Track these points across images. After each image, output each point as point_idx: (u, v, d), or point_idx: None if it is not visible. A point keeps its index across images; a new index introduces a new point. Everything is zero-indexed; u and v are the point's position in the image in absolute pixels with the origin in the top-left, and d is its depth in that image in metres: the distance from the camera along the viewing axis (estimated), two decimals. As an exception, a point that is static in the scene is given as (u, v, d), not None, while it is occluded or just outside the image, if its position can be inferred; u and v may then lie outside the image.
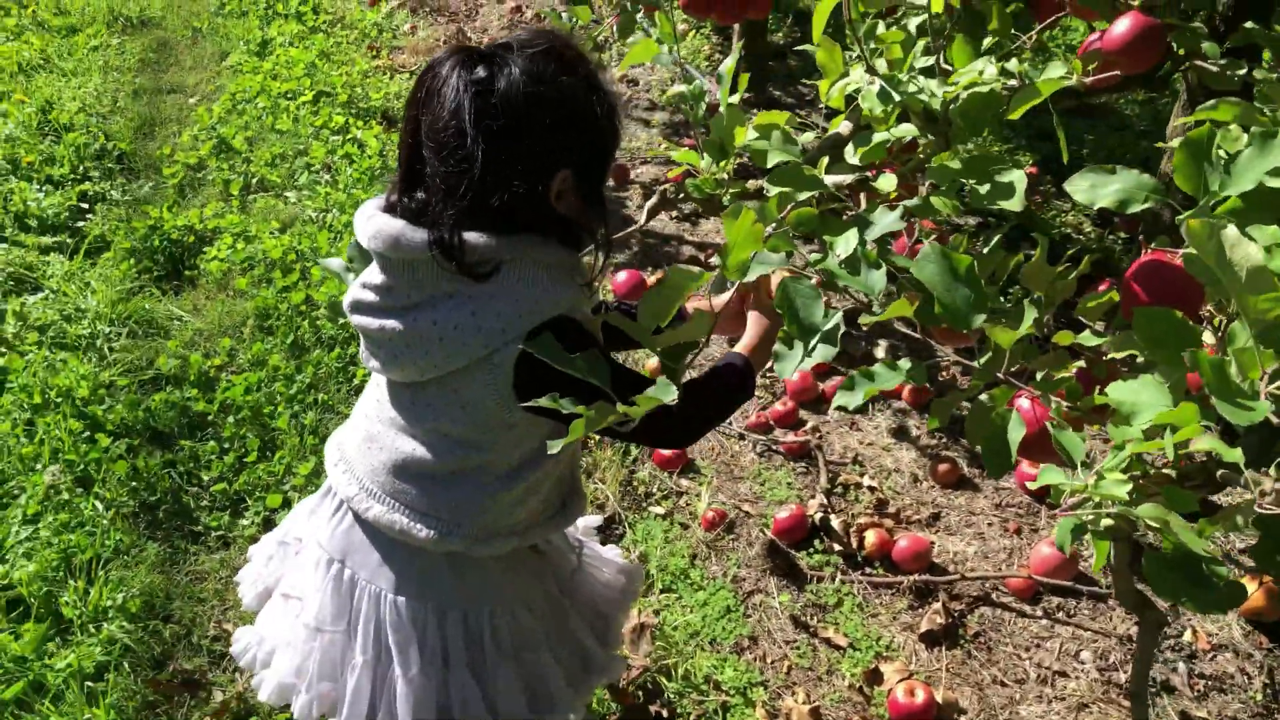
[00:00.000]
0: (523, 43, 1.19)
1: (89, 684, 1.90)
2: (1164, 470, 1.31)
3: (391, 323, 1.24)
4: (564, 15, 3.18)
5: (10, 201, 3.31)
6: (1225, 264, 1.09)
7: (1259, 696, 2.02)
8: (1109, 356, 1.43)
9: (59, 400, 2.52)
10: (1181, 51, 1.94)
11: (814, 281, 1.43)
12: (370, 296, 1.27)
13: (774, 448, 2.62)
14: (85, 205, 3.46)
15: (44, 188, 3.46)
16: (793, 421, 2.70)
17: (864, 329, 2.98)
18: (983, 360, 1.47)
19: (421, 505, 1.31)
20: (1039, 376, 1.42)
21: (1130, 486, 1.11)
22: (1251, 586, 2.12)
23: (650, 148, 4.04)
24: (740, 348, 1.43)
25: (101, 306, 2.88)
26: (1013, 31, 2.02)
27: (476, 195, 1.16)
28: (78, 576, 2.10)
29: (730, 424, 2.69)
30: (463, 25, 5.24)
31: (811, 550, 2.32)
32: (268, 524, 2.29)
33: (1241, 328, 1.13)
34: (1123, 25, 1.84)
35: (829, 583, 2.26)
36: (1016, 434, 1.34)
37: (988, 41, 1.82)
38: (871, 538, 2.31)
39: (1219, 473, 1.30)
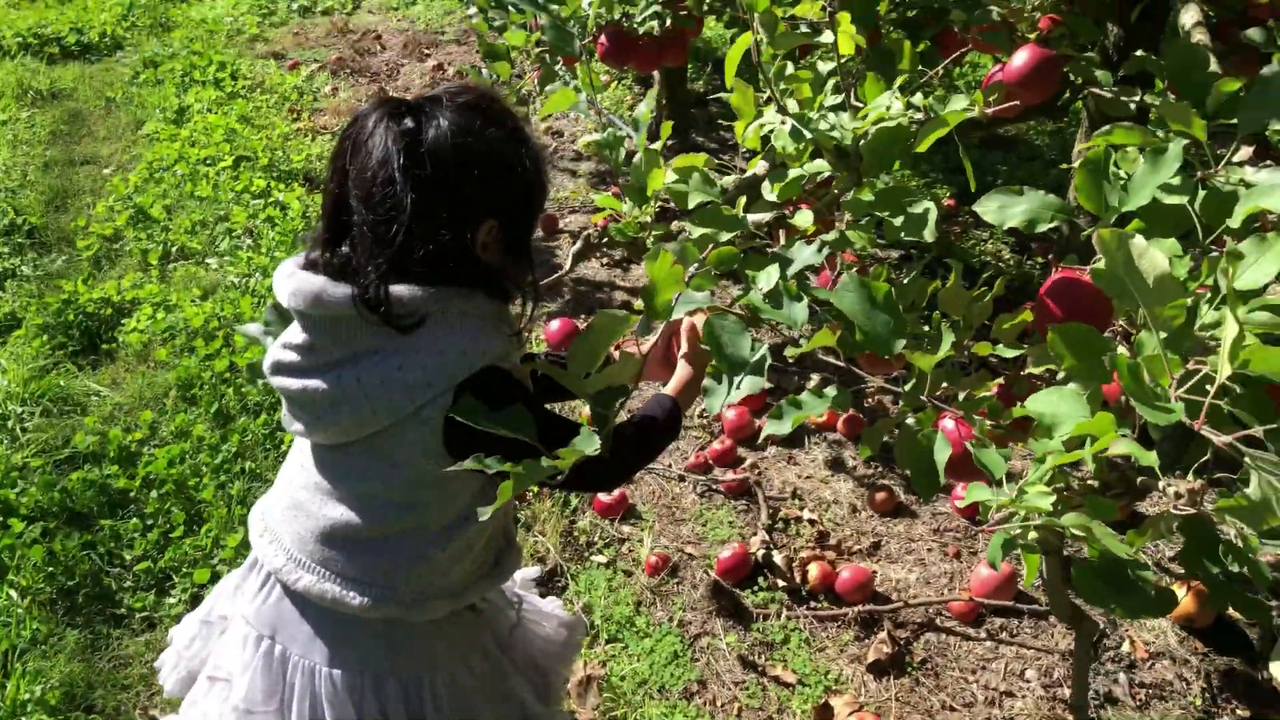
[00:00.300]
0: (450, 95, 1.21)
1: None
2: (1087, 482, 1.34)
3: (315, 382, 1.22)
4: (484, 72, 3.20)
5: (-84, 282, 3.22)
6: (1134, 272, 1.12)
7: (1199, 701, 2.05)
8: (1027, 372, 1.46)
9: (-28, 484, 2.43)
10: (1078, 80, 2.02)
11: (738, 317, 1.44)
12: (291, 356, 1.25)
13: (714, 487, 2.62)
14: (-4, 282, 3.37)
15: (-48, 266, 3.36)
16: (731, 460, 2.70)
17: (794, 363, 3.01)
18: (909, 386, 1.50)
19: (353, 571, 1.28)
20: (961, 397, 1.45)
21: (1054, 498, 1.13)
22: (1181, 592, 2.17)
23: (575, 192, 4.07)
24: (668, 389, 1.44)
25: (13, 386, 2.80)
26: (920, 68, 2.09)
27: (404, 245, 1.16)
28: (-5, 668, 2.01)
29: (670, 466, 2.68)
30: (384, 85, 5.25)
31: (756, 588, 2.32)
32: (195, 601, 2.22)
33: (1150, 336, 1.16)
34: (1021, 57, 1.91)
35: (775, 619, 2.25)
36: (943, 454, 1.36)
37: (898, 80, 1.87)
38: (814, 571, 2.32)
39: (1139, 480, 1.33)
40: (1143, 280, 1.11)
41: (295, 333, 1.24)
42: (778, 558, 2.36)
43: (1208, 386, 1.08)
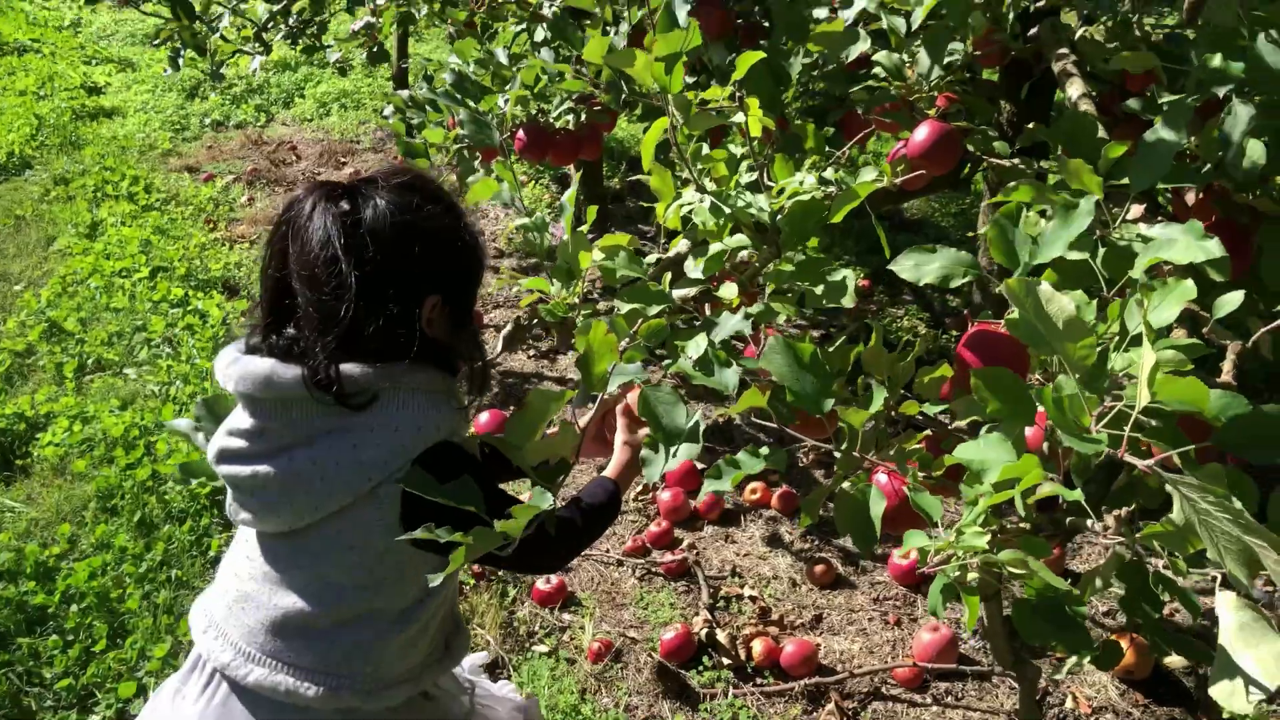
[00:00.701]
0: (385, 175, 1.24)
1: None
2: (1020, 525, 1.37)
3: (264, 468, 1.21)
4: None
5: None
6: (1044, 317, 1.18)
7: (1144, 752, 2.08)
8: (953, 425, 1.50)
9: (-123, 612, 2.31)
10: (978, 153, 2.13)
11: (673, 388, 1.47)
12: (239, 443, 1.23)
13: (653, 570, 2.61)
14: (-99, 404, 3.25)
15: None
16: (669, 542, 2.70)
17: (727, 441, 3.04)
18: (843, 448, 1.53)
19: (306, 661, 1.24)
20: (892, 452, 1.48)
21: (988, 538, 1.16)
22: (1122, 646, 2.20)
23: (501, 287, 4.10)
24: (608, 472, 1.47)
25: (-77, 506, 2.68)
26: (827, 149, 2.18)
27: (351, 324, 1.17)
28: (-96, 803, 1.89)
29: (607, 551, 2.67)
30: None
31: (701, 668, 2.30)
32: (121, 716, 2.12)
33: (1066, 379, 1.22)
34: (922, 132, 2.01)
35: (722, 698, 2.23)
36: (878, 507, 1.39)
37: (808, 163, 1.95)
38: (758, 647, 2.31)
39: (1068, 520, 1.37)
40: (1052, 324, 1.17)
41: (242, 418, 1.23)
42: (721, 636, 2.34)
43: (1124, 425, 1.13)
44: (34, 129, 5.84)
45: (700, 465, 2.93)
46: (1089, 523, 1.26)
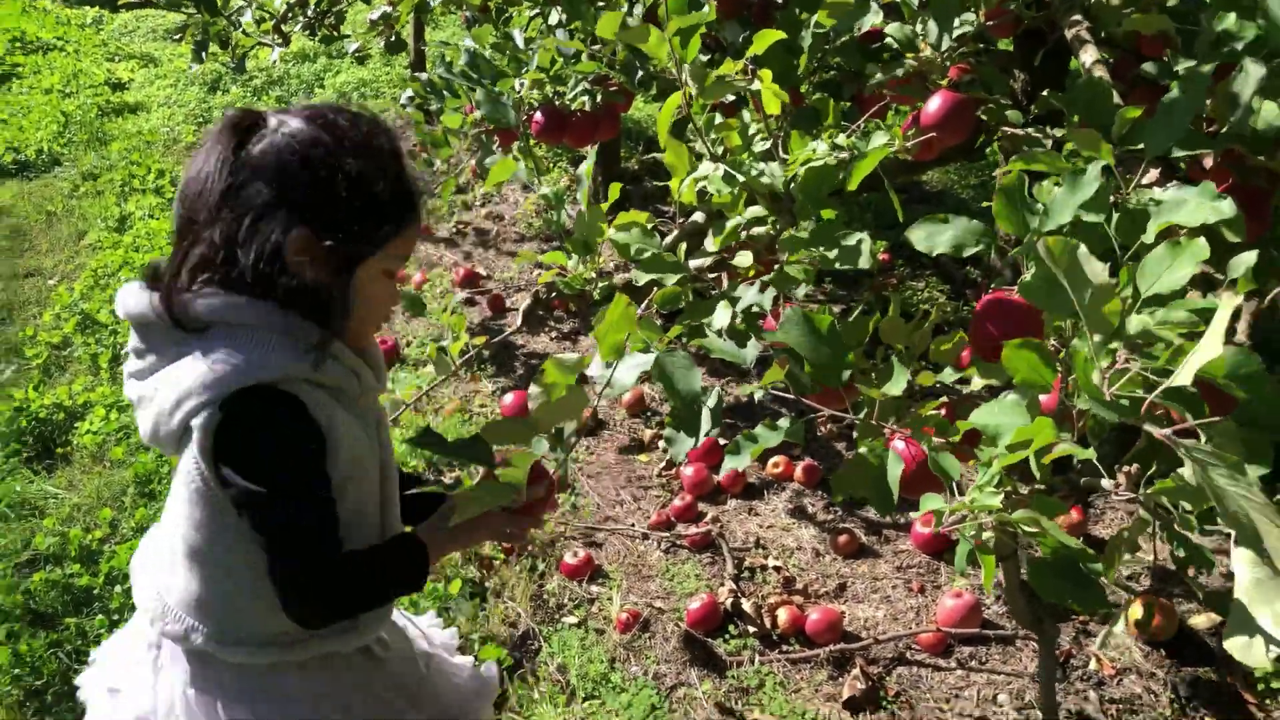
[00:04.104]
0: (305, 106, 1.20)
1: None
2: (1035, 488, 1.40)
3: (134, 386, 1.21)
4: (424, 156, 3.28)
5: None
6: (1079, 279, 1.20)
7: (1168, 711, 2.10)
8: (968, 391, 1.53)
9: (-73, 595, 2.38)
10: (991, 122, 2.14)
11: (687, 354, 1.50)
12: (132, 363, 1.22)
13: (678, 543, 2.65)
14: (-56, 396, 3.34)
15: (-103, 384, 3.33)
16: (693, 516, 2.74)
17: (751, 405, 3.07)
18: (862, 415, 1.56)
19: (172, 600, 1.27)
20: (908, 418, 1.51)
21: (1001, 497, 1.18)
22: (1138, 607, 2.23)
23: (521, 269, 4.14)
24: (422, 528, 1.33)
25: (-31, 494, 2.76)
26: (843, 123, 2.20)
27: (207, 249, 1.14)
28: (-38, 776, 1.96)
29: (633, 525, 2.71)
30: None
31: (727, 636, 2.34)
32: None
33: (1082, 342, 1.24)
34: (935, 102, 2.03)
35: (748, 665, 2.27)
36: (895, 471, 1.42)
37: (825, 135, 1.97)
38: (784, 615, 2.34)
39: (1083, 480, 1.39)
40: (1087, 284, 1.19)
41: (131, 339, 1.22)
42: (746, 605, 2.38)
43: (1139, 389, 1.15)
44: (61, 126, 5.93)
45: (722, 440, 2.96)
46: (1103, 482, 1.28)
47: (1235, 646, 1.11)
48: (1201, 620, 2.28)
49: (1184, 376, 1.01)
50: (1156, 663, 2.21)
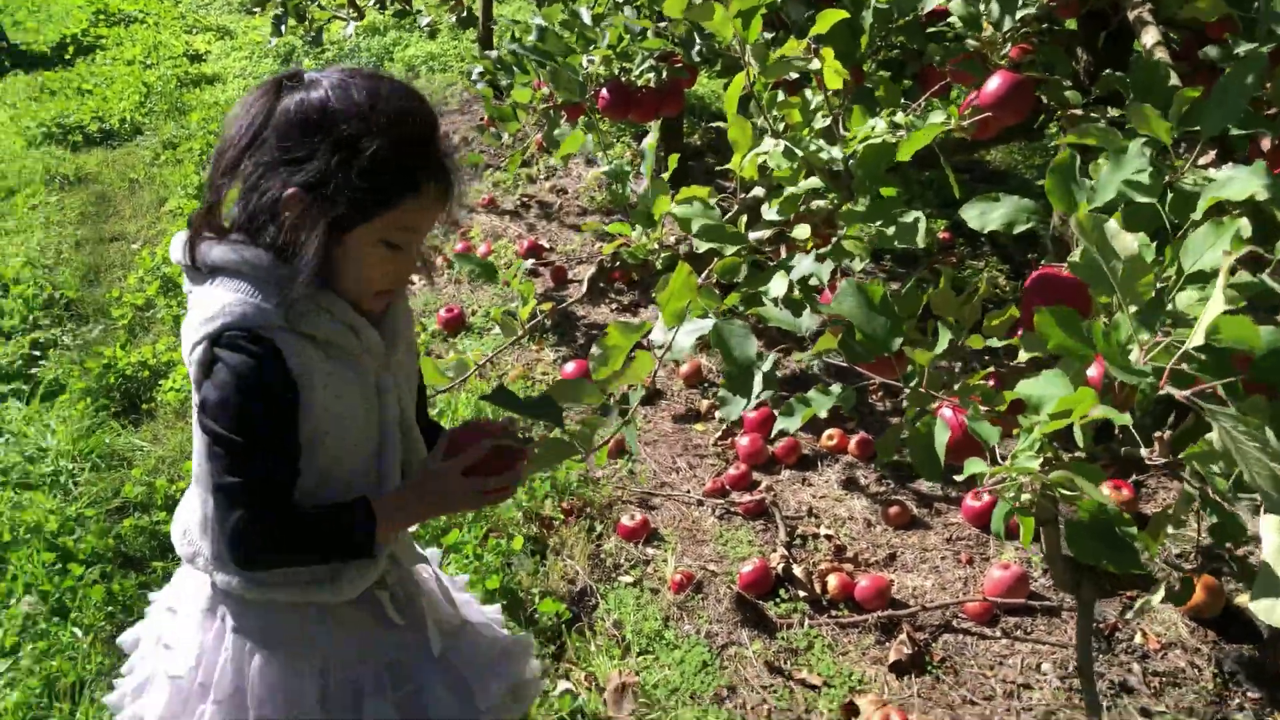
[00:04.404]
0: (341, 69, 1.22)
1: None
2: (1077, 455, 1.45)
3: None
4: (493, 130, 3.37)
5: (-37, 356, 3.38)
6: (1108, 251, 1.25)
7: (1211, 686, 2.13)
8: (1016, 362, 1.58)
9: (28, 536, 2.55)
10: (1050, 102, 2.17)
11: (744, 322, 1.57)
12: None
13: (732, 510, 2.73)
14: (38, 353, 3.53)
15: (-5, 341, 3.53)
16: (747, 484, 2.81)
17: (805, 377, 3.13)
18: (912, 384, 1.62)
19: (190, 521, 1.36)
20: (956, 387, 1.57)
21: (1040, 461, 1.24)
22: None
23: (588, 225, 4.23)
24: (380, 506, 1.30)
25: (63, 444, 2.93)
26: (903, 101, 2.24)
27: (217, 201, 1.22)
28: (62, 700, 2.11)
29: (688, 492, 2.80)
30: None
31: (778, 600, 2.41)
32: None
33: (1124, 318, 1.29)
34: (994, 82, 2.06)
35: (798, 628, 2.35)
36: (942, 438, 1.48)
37: (884, 115, 2.02)
38: (833, 581, 2.42)
39: (1123, 450, 1.45)
40: (1116, 258, 1.24)
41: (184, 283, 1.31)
42: (798, 570, 2.46)
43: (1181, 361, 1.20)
44: (143, 96, 6.14)
45: (777, 412, 3.03)
46: (1142, 451, 1.33)
47: (1260, 608, 1.16)
48: (1249, 599, 2.30)
49: (1198, 337, 1.06)
50: (1201, 639, 2.25)
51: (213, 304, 1.19)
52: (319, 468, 1.27)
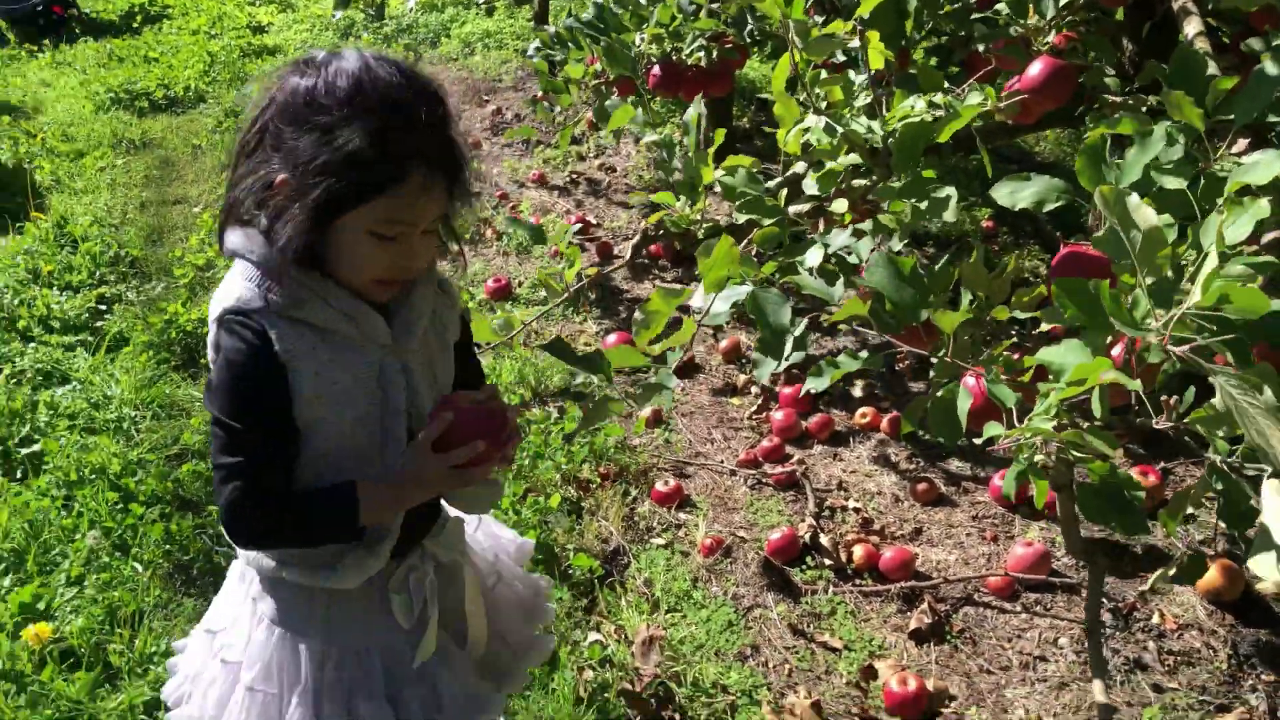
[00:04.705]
0: (355, 54, 1.20)
1: (142, 718, 2.04)
2: (1094, 423, 1.51)
3: None
4: (547, 105, 3.46)
5: (34, 306, 3.53)
6: (1128, 223, 1.31)
7: (1224, 666, 2.18)
8: (1037, 331, 1.64)
9: (93, 476, 2.69)
10: (1091, 88, 2.21)
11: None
12: None
13: (763, 480, 2.81)
14: (103, 306, 3.68)
15: (64, 293, 3.68)
16: (779, 457, 2.88)
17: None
18: (940, 355, 1.68)
19: None
20: (981, 357, 1.63)
21: (1055, 423, 1.31)
22: (1211, 567, 2.30)
23: (629, 224, 4.31)
24: (373, 483, 1.28)
25: (126, 394, 3.08)
26: (946, 85, 2.29)
27: (230, 189, 1.23)
28: (123, 627, 2.25)
29: (722, 462, 2.88)
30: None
31: (804, 567, 2.49)
32: (295, 575, 2.45)
33: (1141, 290, 1.35)
34: (1036, 67, 2.11)
35: (822, 594, 2.42)
36: (964, 404, 1.55)
37: (924, 96, 2.08)
38: (859, 552, 2.49)
39: (1138, 420, 1.50)
40: (1136, 230, 1.30)
41: None
42: (825, 540, 2.53)
43: (1183, 328, 1.26)
44: (207, 65, 6.31)
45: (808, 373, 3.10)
46: (1154, 420, 1.39)
47: (1257, 564, 1.23)
48: (1269, 586, 2.34)
49: (1195, 294, 1.12)
50: (1219, 622, 2.29)
51: (223, 288, 1.22)
52: (318, 452, 1.26)
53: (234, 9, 7.64)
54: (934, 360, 1.69)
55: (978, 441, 1.45)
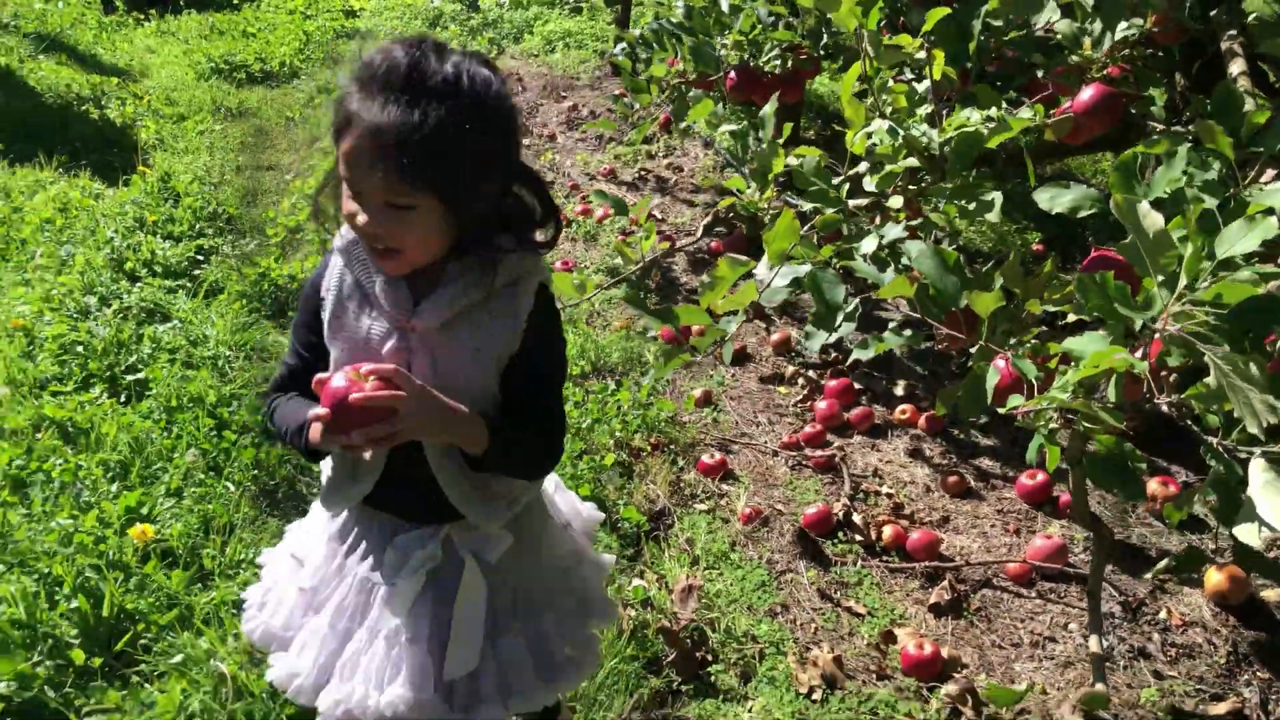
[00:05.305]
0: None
1: (229, 612, 2.28)
2: (1107, 405, 1.69)
3: None
4: (628, 101, 3.68)
5: (139, 251, 3.82)
6: (1139, 229, 1.50)
7: (1223, 660, 2.34)
8: (1063, 323, 1.83)
9: (190, 404, 2.95)
10: (1137, 116, 2.39)
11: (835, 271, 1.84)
12: None
13: (804, 463, 3.00)
14: (201, 257, 3.97)
15: (166, 241, 3.97)
16: (820, 443, 3.08)
17: (878, 368, 3.38)
18: (978, 345, 1.87)
19: None
20: (1013, 341, 1.82)
21: (1069, 394, 1.50)
22: (1213, 573, 2.46)
23: (693, 220, 4.52)
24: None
25: (221, 335, 3.34)
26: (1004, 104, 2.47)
27: None
28: (216, 535, 2.49)
29: (765, 443, 3.07)
30: (524, 121, 5.83)
31: (836, 540, 2.68)
32: (368, 507, 2.69)
33: (1155, 290, 1.53)
34: (1088, 92, 2.30)
35: (850, 566, 2.61)
36: (992, 380, 1.74)
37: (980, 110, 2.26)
38: (888, 531, 2.67)
39: (1148, 404, 1.68)
40: (1145, 234, 1.49)
41: None
42: (857, 518, 2.72)
43: (1188, 322, 1.44)
44: (302, 43, 6.63)
45: (858, 386, 3.29)
46: (1158, 399, 1.57)
47: (1241, 531, 1.41)
48: (1273, 594, 2.49)
49: (1198, 289, 1.29)
50: (1222, 623, 2.45)
51: None
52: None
53: (328, -8, 7.99)
54: (972, 351, 1.88)
55: (1010, 422, 1.63)
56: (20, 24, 6.67)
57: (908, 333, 1.82)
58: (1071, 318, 1.77)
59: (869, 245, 1.92)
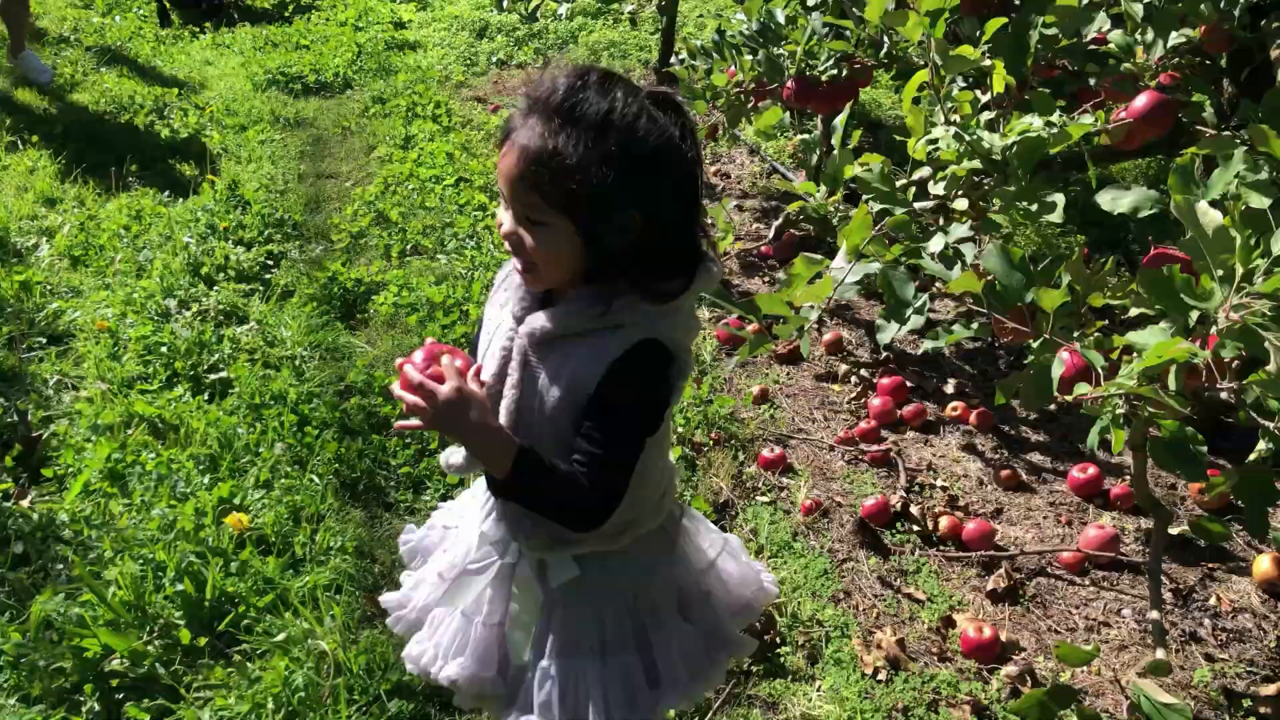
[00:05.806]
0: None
1: (323, 595, 2.42)
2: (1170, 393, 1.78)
3: None
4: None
5: (214, 255, 3.99)
6: (1199, 227, 1.60)
7: (1273, 644, 2.42)
8: (1125, 316, 1.92)
9: (272, 402, 3.10)
10: (1188, 121, 2.48)
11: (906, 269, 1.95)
12: None
13: (860, 458, 3.11)
14: (271, 261, 4.13)
15: (238, 246, 4.14)
16: (875, 438, 3.18)
17: (939, 359, 3.48)
18: (1040, 339, 1.97)
19: None
20: (1076, 334, 1.92)
21: (1134, 381, 1.60)
22: (1262, 560, 2.54)
23: (740, 225, 4.64)
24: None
25: (296, 336, 3.49)
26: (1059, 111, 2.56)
27: None
28: (305, 525, 2.64)
29: (821, 439, 3.18)
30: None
31: (894, 531, 2.79)
32: (444, 498, 2.81)
33: (1215, 284, 1.63)
34: (1142, 99, 2.40)
35: (909, 555, 2.71)
36: (1058, 370, 1.84)
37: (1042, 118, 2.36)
38: (944, 522, 2.77)
39: (1206, 394, 1.78)
40: (1204, 231, 1.59)
41: None
42: (914, 509, 2.82)
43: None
44: (354, 55, 6.81)
45: (909, 384, 3.39)
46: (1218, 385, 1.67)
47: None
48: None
49: (1258, 282, 1.39)
50: (1272, 609, 2.53)
51: None
52: None
53: (378, 4, 8.16)
54: (1034, 344, 1.99)
55: (1064, 414, 1.73)
56: (81, 38, 6.89)
57: (974, 325, 1.92)
58: (1134, 312, 1.87)
59: (936, 244, 2.03)
